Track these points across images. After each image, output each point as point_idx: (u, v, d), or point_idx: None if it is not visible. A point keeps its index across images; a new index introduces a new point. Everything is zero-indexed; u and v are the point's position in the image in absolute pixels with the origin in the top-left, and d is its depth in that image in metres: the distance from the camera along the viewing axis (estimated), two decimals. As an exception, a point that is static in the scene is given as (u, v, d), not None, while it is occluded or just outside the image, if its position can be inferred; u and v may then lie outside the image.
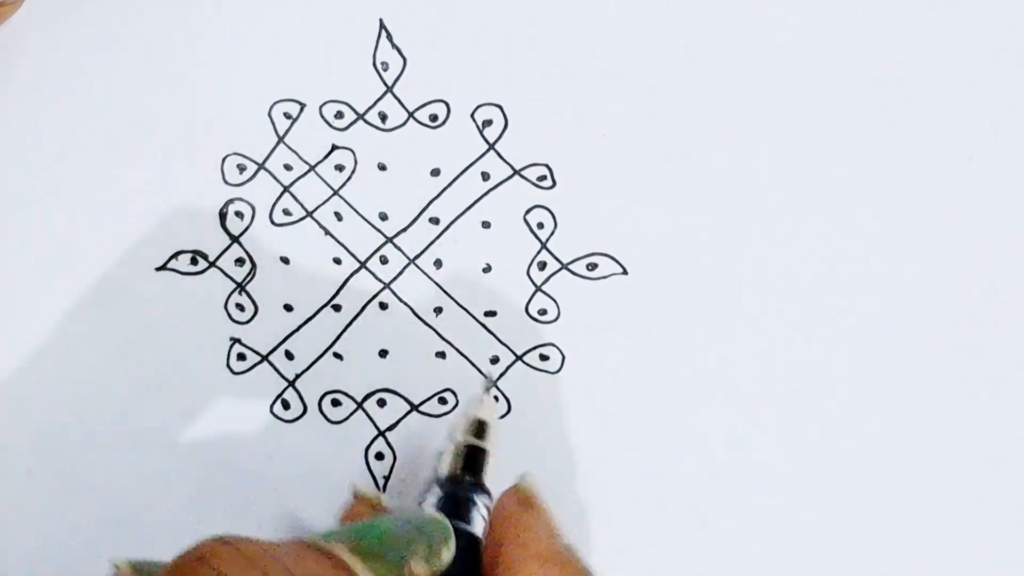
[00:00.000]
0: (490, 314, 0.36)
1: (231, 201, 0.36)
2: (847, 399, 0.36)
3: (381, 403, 0.36)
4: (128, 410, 0.35)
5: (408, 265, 0.36)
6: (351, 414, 0.36)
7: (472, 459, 0.32)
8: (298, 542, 0.26)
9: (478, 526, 0.30)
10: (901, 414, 0.36)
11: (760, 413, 0.36)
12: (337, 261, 0.36)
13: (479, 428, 0.32)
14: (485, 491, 0.31)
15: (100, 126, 0.36)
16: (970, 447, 0.36)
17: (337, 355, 0.36)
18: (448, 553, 0.28)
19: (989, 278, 0.37)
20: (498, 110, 0.37)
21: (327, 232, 0.36)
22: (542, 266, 0.37)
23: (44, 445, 0.35)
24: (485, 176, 0.37)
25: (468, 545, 0.29)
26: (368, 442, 0.35)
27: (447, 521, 0.28)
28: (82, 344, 0.35)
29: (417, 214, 0.37)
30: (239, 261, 0.36)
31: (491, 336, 0.36)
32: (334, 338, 0.36)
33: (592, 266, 0.37)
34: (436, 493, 0.31)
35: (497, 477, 0.33)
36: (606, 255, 0.37)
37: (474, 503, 0.31)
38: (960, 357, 0.37)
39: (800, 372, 0.36)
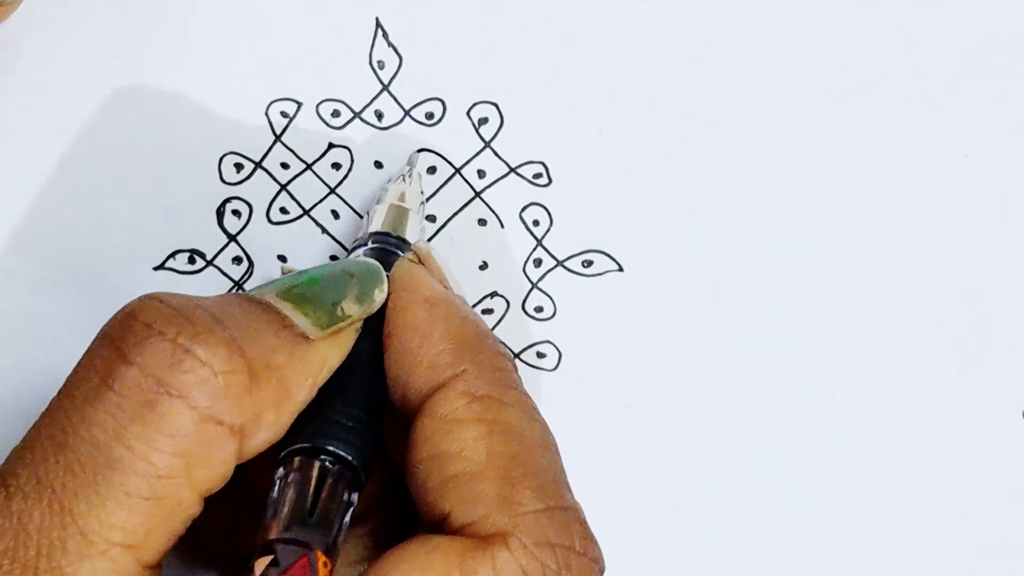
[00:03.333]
0: (487, 312, 0.36)
1: (228, 200, 0.37)
2: (846, 396, 0.36)
3: (377, 401, 0.36)
4: (127, 408, 0.35)
5: (404, 263, 0.37)
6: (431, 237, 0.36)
7: (397, 218, 0.33)
8: (228, 294, 0.27)
9: None
10: (898, 411, 0.36)
11: (758, 410, 0.36)
12: (334, 259, 0.36)
13: (402, 196, 0.34)
14: (410, 248, 0.32)
15: (98, 126, 0.37)
16: (971, 446, 0.36)
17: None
18: (380, 295, 0.29)
19: (986, 275, 0.37)
20: (494, 108, 0.37)
21: (324, 230, 0.37)
22: (538, 263, 0.37)
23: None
24: (481, 174, 0.37)
25: None
26: (364, 440, 0.36)
27: (379, 265, 0.30)
28: (81, 344, 0.35)
29: (413, 212, 0.37)
30: (237, 259, 0.36)
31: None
32: (331, 336, 0.36)
33: (587, 263, 0.37)
34: (362, 248, 0.32)
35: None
36: (601, 252, 0.37)
37: (398, 256, 0.31)
38: (958, 355, 0.37)
39: (797, 369, 0.36)
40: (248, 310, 0.26)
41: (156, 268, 0.36)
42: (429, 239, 0.37)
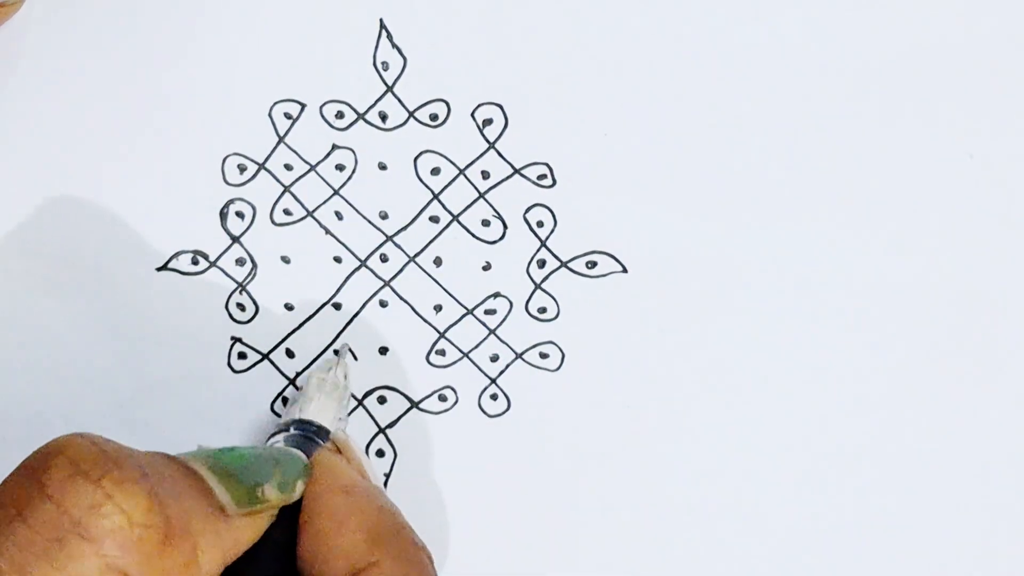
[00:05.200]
0: (490, 312, 0.36)
1: (232, 201, 0.36)
2: (848, 397, 0.36)
3: (381, 400, 0.36)
4: (128, 410, 0.35)
5: (408, 263, 0.37)
6: (352, 412, 0.36)
7: (321, 407, 0.33)
8: (158, 452, 0.27)
9: None
10: (901, 413, 0.36)
11: (761, 411, 0.36)
12: (337, 260, 0.36)
13: (326, 383, 0.34)
14: (328, 439, 0.33)
15: (100, 126, 0.36)
16: (971, 448, 0.36)
17: (338, 353, 0.36)
18: (301, 486, 0.29)
19: (990, 277, 0.37)
20: (498, 109, 0.37)
21: (327, 231, 0.37)
22: (541, 264, 0.37)
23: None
24: (485, 175, 0.37)
25: None
26: (369, 439, 0.36)
27: (304, 458, 0.30)
28: (82, 344, 0.35)
29: (417, 213, 0.37)
30: (240, 261, 0.36)
31: (491, 334, 0.36)
32: (334, 336, 0.36)
33: (591, 264, 0.37)
34: (284, 434, 0.32)
35: (494, 475, 0.35)
36: (605, 253, 0.37)
37: (319, 445, 0.32)
38: (960, 356, 0.37)
39: (801, 370, 0.36)
40: (176, 470, 0.26)
41: (159, 269, 0.36)
42: (431, 240, 0.37)
